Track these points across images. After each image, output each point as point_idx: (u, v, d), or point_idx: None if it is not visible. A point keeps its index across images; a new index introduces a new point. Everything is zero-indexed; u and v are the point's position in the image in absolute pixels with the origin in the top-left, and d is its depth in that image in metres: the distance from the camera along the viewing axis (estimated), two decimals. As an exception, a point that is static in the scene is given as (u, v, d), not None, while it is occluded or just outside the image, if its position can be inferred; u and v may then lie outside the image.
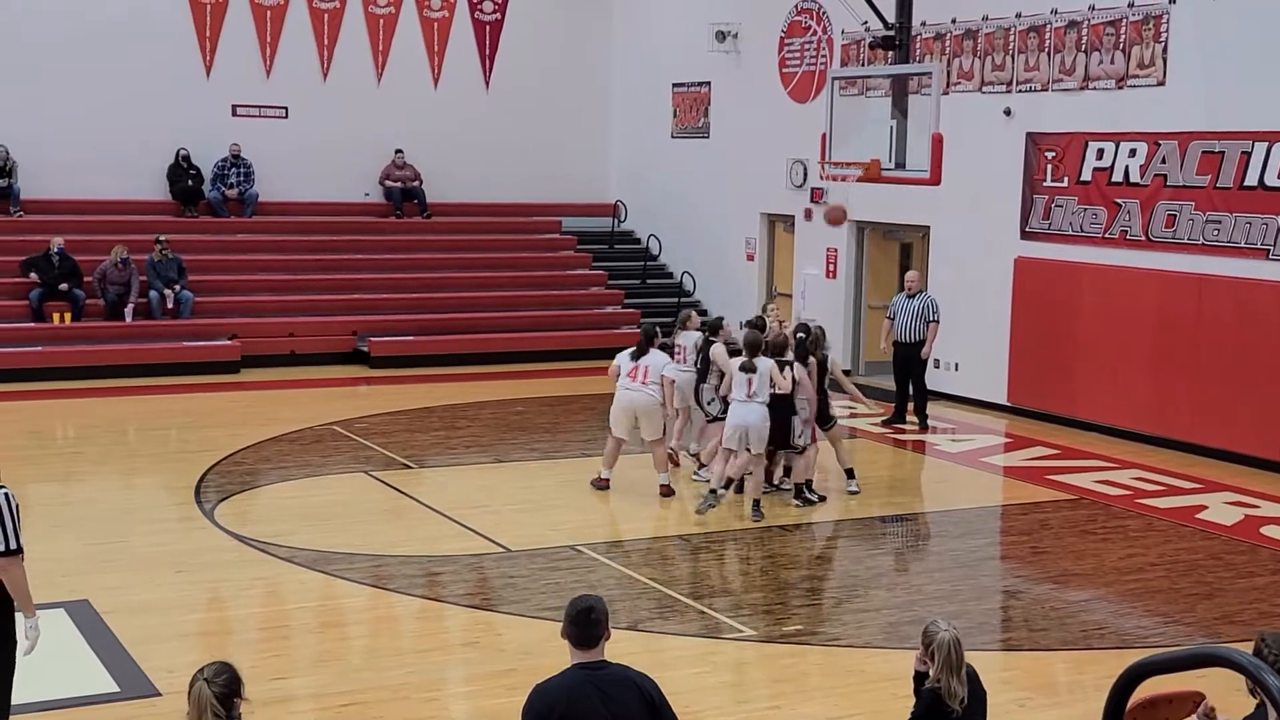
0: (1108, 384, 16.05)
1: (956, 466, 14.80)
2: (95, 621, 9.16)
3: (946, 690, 5.59)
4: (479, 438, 15.46)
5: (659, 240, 23.80)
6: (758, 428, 11.95)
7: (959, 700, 5.61)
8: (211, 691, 4.71)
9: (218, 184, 21.94)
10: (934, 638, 5.67)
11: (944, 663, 5.61)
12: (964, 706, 5.62)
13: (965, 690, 5.64)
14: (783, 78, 20.91)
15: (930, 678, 5.67)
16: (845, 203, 13.06)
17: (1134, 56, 15.72)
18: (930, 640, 5.68)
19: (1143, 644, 9.14)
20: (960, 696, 5.61)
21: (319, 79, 22.78)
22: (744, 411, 11.98)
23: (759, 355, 12.12)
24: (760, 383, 11.97)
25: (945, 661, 5.61)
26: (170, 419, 16.57)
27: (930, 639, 5.68)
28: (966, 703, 5.64)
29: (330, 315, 20.71)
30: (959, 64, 17.83)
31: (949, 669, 5.61)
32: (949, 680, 5.60)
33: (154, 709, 7.77)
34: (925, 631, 5.75)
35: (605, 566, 10.77)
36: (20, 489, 13.19)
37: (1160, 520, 12.53)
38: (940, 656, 5.62)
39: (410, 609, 9.82)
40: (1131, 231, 15.78)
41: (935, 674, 5.65)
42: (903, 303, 16.35)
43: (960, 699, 5.61)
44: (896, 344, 16.44)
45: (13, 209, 20.70)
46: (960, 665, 5.64)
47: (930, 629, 5.74)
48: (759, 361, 12.05)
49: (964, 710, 5.63)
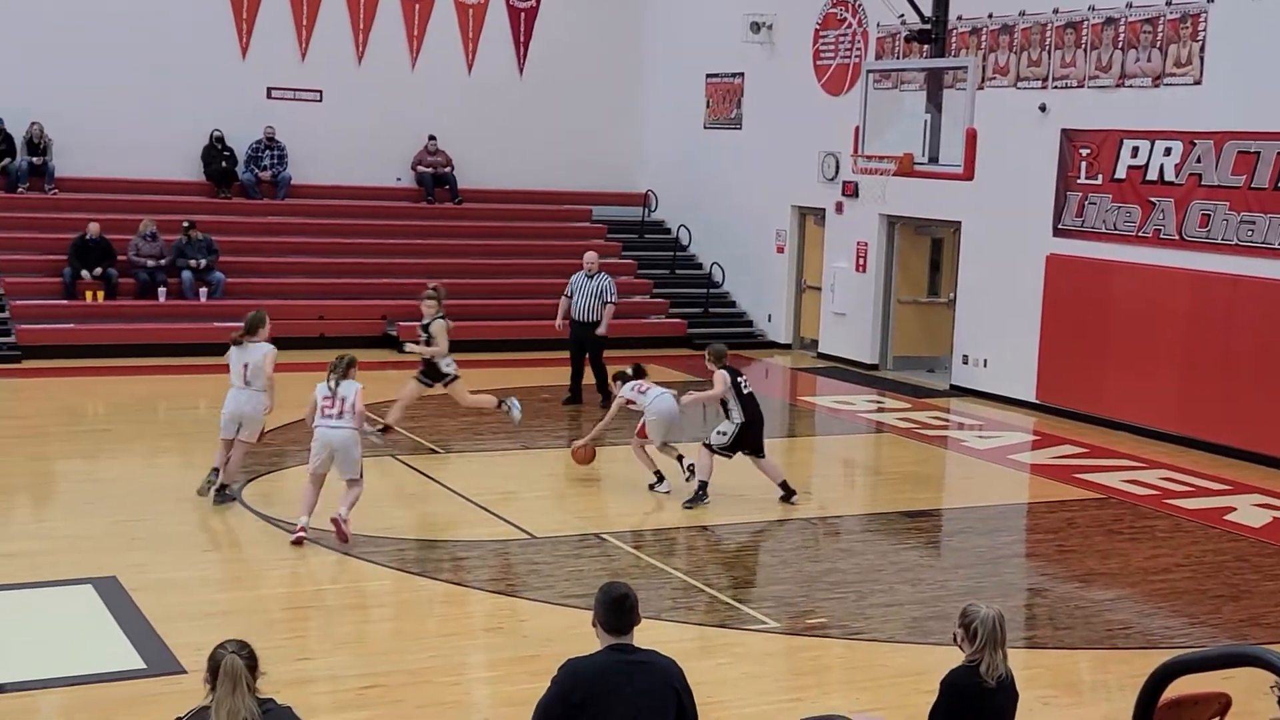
0: (1138, 383, 15.97)
1: (983, 463, 14.75)
2: (122, 598, 9.22)
3: (988, 665, 5.55)
4: (505, 424, 15.47)
5: (689, 231, 23.77)
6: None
7: (997, 675, 5.56)
8: (243, 662, 4.75)
9: (251, 166, 22.03)
10: (976, 615, 5.63)
11: (988, 637, 5.57)
12: (1000, 683, 5.57)
13: (1005, 667, 5.60)
14: (817, 70, 20.85)
15: (967, 656, 5.63)
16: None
17: (1171, 54, 15.61)
18: (972, 619, 5.63)
19: (1168, 644, 9.09)
20: (1001, 671, 5.56)
21: (354, 63, 22.83)
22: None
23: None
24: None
25: (989, 636, 5.57)
26: (199, 399, 16.64)
27: (972, 617, 5.64)
28: (1006, 680, 5.59)
29: (360, 299, 20.77)
30: (994, 59, 17.74)
31: (992, 644, 5.57)
32: (991, 656, 5.56)
33: (179, 686, 7.81)
34: (964, 612, 5.70)
35: (629, 555, 10.79)
36: (50, 465, 13.37)
37: (1188, 521, 12.47)
38: (984, 631, 5.58)
39: (434, 593, 9.85)
40: (1165, 230, 15.68)
41: (974, 652, 5.61)
42: (581, 282, 16.54)
43: (1000, 674, 5.56)
44: (573, 323, 16.63)
45: (48, 187, 20.84)
46: (1003, 641, 5.60)
47: (970, 609, 5.70)
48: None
49: (996, 699, 5.58)
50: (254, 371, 11.53)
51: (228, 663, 4.74)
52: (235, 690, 4.71)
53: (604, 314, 16.38)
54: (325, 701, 7.70)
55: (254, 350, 11.59)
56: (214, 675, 4.76)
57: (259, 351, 11.56)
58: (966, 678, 5.60)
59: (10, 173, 20.69)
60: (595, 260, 16.68)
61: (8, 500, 12.27)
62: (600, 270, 16.74)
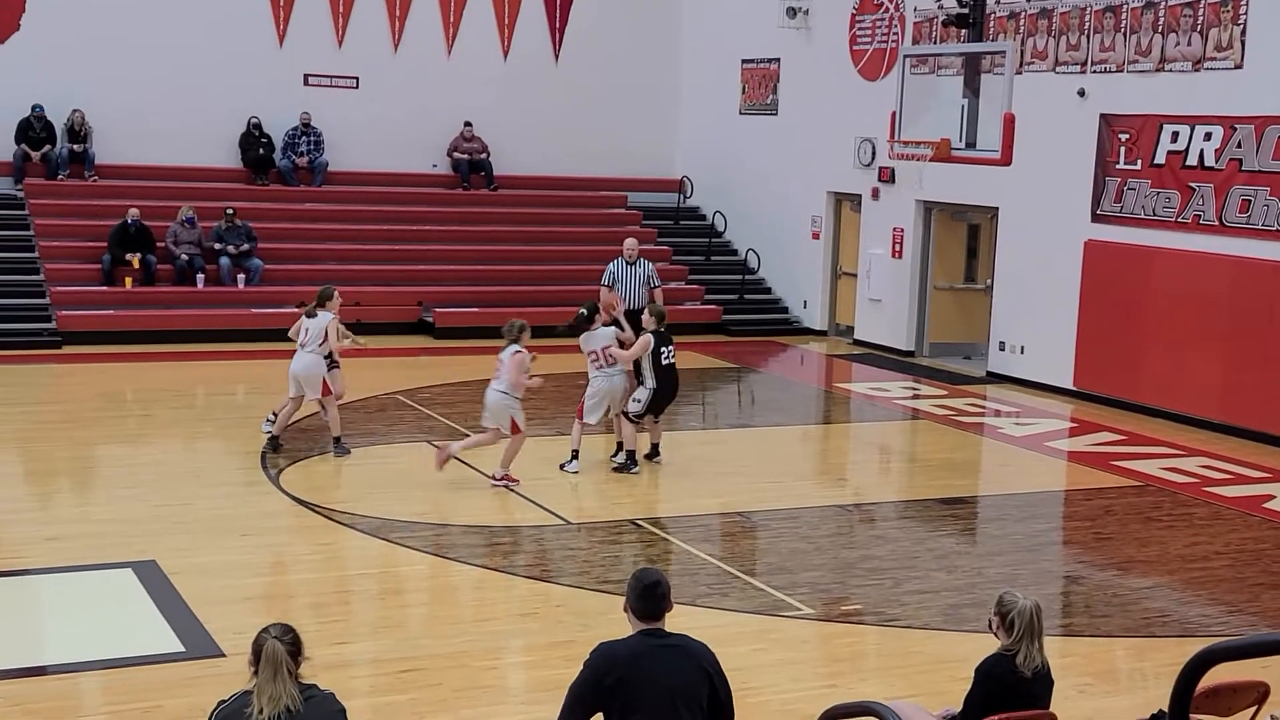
0: (1176, 370, 15.86)
1: (1020, 450, 14.69)
2: (162, 582, 9.30)
3: (1024, 657, 5.54)
4: (541, 410, 15.49)
5: (724, 217, 23.74)
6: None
7: (1034, 666, 5.55)
8: (283, 648, 4.78)
9: (288, 153, 22.13)
10: (1014, 605, 5.62)
11: (1025, 629, 5.57)
12: (1035, 674, 5.56)
13: (1041, 658, 5.59)
14: (853, 55, 20.77)
15: (1002, 646, 5.62)
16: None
17: (1211, 38, 15.47)
18: (1009, 609, 5.62)
19: (1206, 633, 9.05)
20: (1037, 662, 5.55)
21: (390, 50, 22.89)
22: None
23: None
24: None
25: (1027, 628, 5.56)
26: (237, 384, 16.77)
27: (1009, 607, 5.62)
28: (1042, 670, 5.58)
29: (396, 285, 20.84)
30: (1033, 43, 17.63)
31: (1029, 636, 5.56)
32: (1028, 647, 5.55)
33: (218, 669, 7.88)
34: (1001, 600, 5.69)
35: (664, 541, 10.80)
36: (91, 450, 13.49)
37: (1227, 509, 12.38)
38: (1022, 623, 5.57)
39: (470, 578, 9.90)
40: (1205, 216, 15.56)
41: (1011, 642, 5.60)
42: (623, 269, 15.98)
43: (1036, 664, 5.55)
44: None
45: (88, 174, 21.00)
46: (1040, 632, 5.59)
47: (1007, 598, 5.68)
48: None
49: (1032, 688, 5.58)
50: (312, 337, 12.83)
51: (269, 648, 4.77)
52: (276, 676, 4.74)
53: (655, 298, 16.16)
54: (364, 685, 7.75)
55: (320, 318, 12.87)
56: (256, 660, 4.80)
57: (322, 319, 12.86)
58: (1002, 666, 5.58)
59: (51, 160, 20.87)
60: (636, 247, 16.56)
61: (49, 485, 12.41)
62: (639, 256, 16.67)
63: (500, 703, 7.82)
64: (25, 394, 16.07)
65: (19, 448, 13.56)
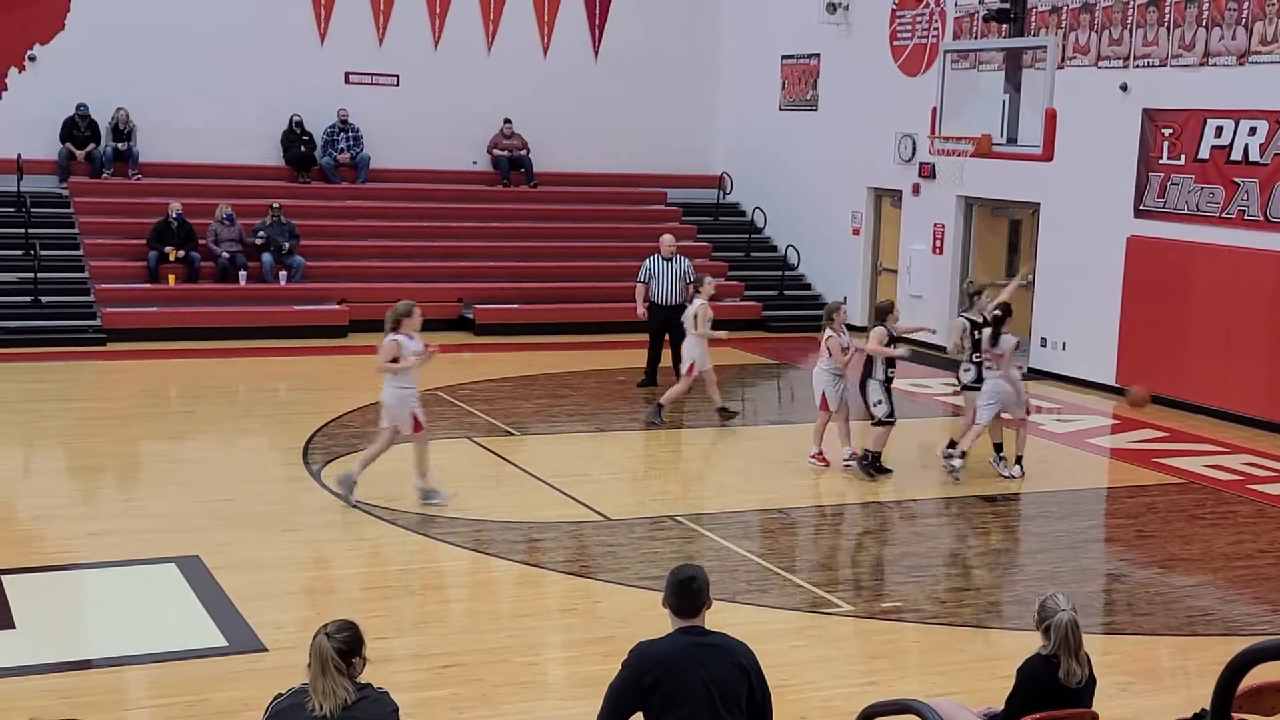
0: (1220, 367, 15.73)
1: (1062, 447, 14.61)
2: (205, 577, 9.38)
3: (1066, 671, 5.54)
4: (581, 406, 15.54)
5: (764, 213, 23.70)
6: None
7: (1077, 680, 5.55)
8: (331, 646, 4.81)
9: (329, 150, 22.25)
10: (1050, 616, 5.60)
11: (1061, 643, 5.56)
12: (1080, 686, 5.56)
13: (1085, 671, 5.58)
14: (893, 50, 20.69)
15: (1040, 647, 5.61)
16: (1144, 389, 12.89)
17: (1256, 32, 15.32)
18: (1046, 619, 5.61)
19: (1250, 631, 8.98)
20: (1079, 677, 5.55)
21: (430, 47, 22.97)
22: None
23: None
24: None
25: (1063, 642, 5.55)
26: (279, 381, 16.88)
27: (1046, 617, 5.61)
28: (1084, 683, 5.58)
29: (436, 282, 20.90)
30: (1075, 38, 17.51)
31: (1066, 650, 5.55)
32: (1068, 661, 5.54)
33: (261, 664, 7.94)
34: (1043, 605, 5.67)
35: (704, 538, 10.80)
36: (134, 446, 13.61)
37: (1271, 507, 12.27)
38: (1058, 637, 5.56)
39: (510, 574, 9.93)
40: (1249, 211, 15.42)
41: (1051, 650, 5.59)
42: (660, 266, 16.18)
43: (1079, 679, 5.55)
44: (655, 307, 16.27)
45: (131, 172, 21.18)
46: (1079, 647, 5.58)
47: (1049, 604, 5.66)
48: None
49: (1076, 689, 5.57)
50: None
51: (316, 644, 4.82)
52: (324, 672, 4.78)
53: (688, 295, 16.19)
54: (406, 680, 7.78)
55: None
56: (311, 655, 4.85)
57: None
58: (1044, 669, 5.57)
59: (95, 158, 21.06)
60: (673, 243, 16.58)
61: (95, 480, 12.53)
62: (676, 252, 16.67)
63: (540, 698, 7.85)
64: (71, 390, 16.24)
65: (65, 444, 13.70)
